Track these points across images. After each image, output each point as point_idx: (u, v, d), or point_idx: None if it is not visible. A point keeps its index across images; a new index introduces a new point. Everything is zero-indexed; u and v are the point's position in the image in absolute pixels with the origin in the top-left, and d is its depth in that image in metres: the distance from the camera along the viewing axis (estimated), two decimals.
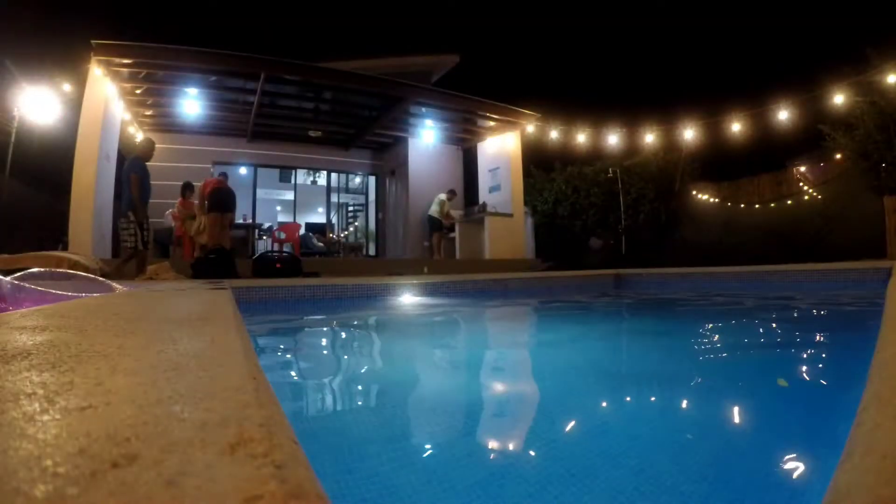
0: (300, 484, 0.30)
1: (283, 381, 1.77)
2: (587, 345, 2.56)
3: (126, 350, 0.78)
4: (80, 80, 7.52)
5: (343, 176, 13.68)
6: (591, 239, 12.70)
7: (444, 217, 10.57)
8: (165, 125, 10.64)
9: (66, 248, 6.96)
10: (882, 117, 8.62)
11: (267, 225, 12.36)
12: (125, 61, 7.58)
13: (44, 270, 3.31)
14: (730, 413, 1.31)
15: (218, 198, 7.53)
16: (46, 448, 0.34)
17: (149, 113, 10.05)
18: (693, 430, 1.17)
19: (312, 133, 11.78)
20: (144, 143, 6.48)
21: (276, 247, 10.63)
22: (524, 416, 1.37)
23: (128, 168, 6.23)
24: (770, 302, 4.29)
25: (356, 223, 14.80)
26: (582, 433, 1.18)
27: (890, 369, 0.68)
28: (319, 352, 2.64)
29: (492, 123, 11.18)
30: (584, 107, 13.89)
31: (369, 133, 11.68)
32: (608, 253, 11.97)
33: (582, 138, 11.37)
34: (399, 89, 9.37)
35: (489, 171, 12.11)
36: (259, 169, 12.36)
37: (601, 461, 0.98)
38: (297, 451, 0.38)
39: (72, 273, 3.67)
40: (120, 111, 8.76)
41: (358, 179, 13.99)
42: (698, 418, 1.28)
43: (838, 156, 10.31)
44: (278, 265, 7.13)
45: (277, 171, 13.27)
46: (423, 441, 1.16)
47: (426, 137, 11.80)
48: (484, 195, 12.11)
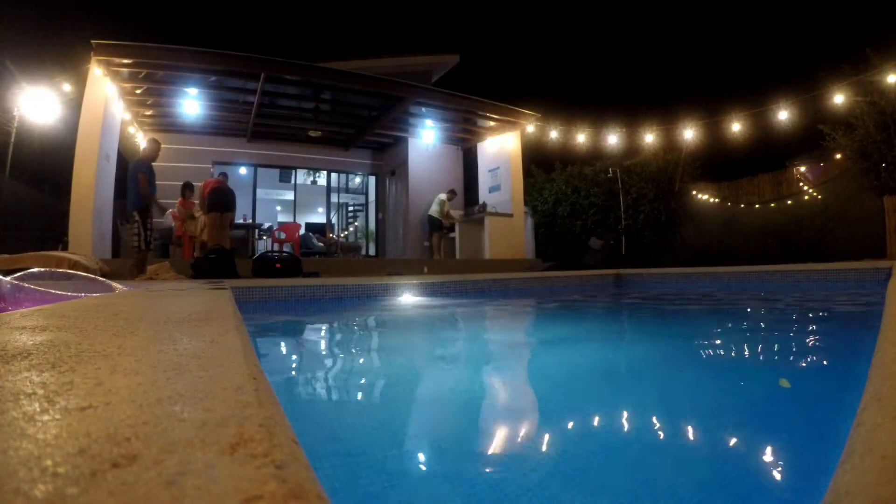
0: (300, 484, 0.30)
1: (283, 381, 1.77)
2: (587, 345, 2.57)
3: (126, 350, 0.78)
4: (80, 80, 7.53)
5: (343, 176, 13.68)
6: (591, 239, 12.69)
7: (445, 217, 10.57)
8: (165, 125, 10.65)
9: (66, 248, 6.97)
10: (882, 117, 8.61)
11: (267, 225, 12.36)
12: (125, 61, 7.59)
13: (44, 270, 3.32)
14: (730, 413, 1.31)
15: (218, 198, 7.54)
16: (46, 448, 0.34)
17: (149, 113, 10.06)
18: (693, 429, 1.17)
19: (312, 133, 11.78)
20: (151, 144, 6.54)
21: (276, 247, 10.63)
22: (525, 415, 1.37)
23: (135, 168, 6.26)
24: (770, 302, 4.29)
25: (356, 223, 14.80)
26: (581, 433, 1.18)
27: (890, 369, 0.68)
28: (319, 352, 2.64)
29: (492, 123, 11.18)
30: (584, 107, 13.93)
31: (369, 133, 11.68)
32: (608, 253, 11.97)
33: (582, 138, 11.37)
34: (399, 89, 9.37)
35: (489, 171, 12.11)
36: (259, 169, 12.37)
37: (602, 460, 0.98)
38: (297, 451, 0.38)
39: (72, 273, 3.68)
40: (120, 111, 8.76)
41: (358, 179, 13.99)
42: (698, 418, 1.28)
43: (838, 156, 10.30)
44: (278, 265, 7.13)
45: (277, 171, 13.27)
46: (423, 441, 1.16)
47: (426, 137, 11.80)
48: (484, 195, 12.11)
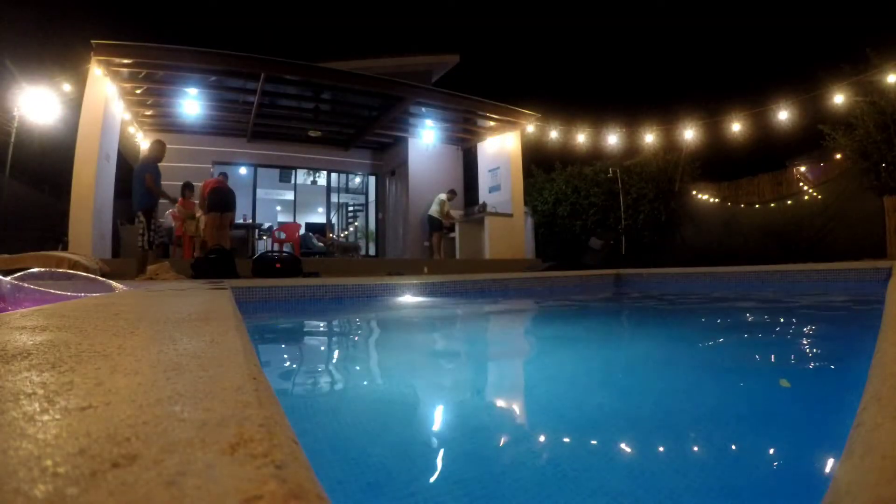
0: (300, 484, 0.30)
1: (284, 381, 1.77)
2: (587, 345, 2.57)
3: (126, 350, 0.78)
4: (80, 80, 7.53)
5: (343, 176, 13.68)
6: (591, 239, 12.69)
7: (445, 217, 10.56)
8: (165, 125, 10.65)
9: (66, 248, 6.97)
10: (882, 117, 8.61)
11: (267, 225, 12.36)
12: (125, 61, 7.59)
13: (44, 270, 3.32)
14: (730, 413, 1.31)
15: (218, 198, 7.55)
16: (46, 448, 0.34)
17: (149, 113, 10.06)
18: (692, 429, 1.17)
19: (312, 133, 11.78)
20: (156, 145, 6.56)
21: (276, 247, 10.63)
22: (525, 415, 1.37)
23: (141, 168, 6.28)
24: (770, 302, 4.29)
25: (356, 223, 14.79)
26: (581, 433, 1.18)
27: (890, 369, 0.67)
28: (319, 352, 2.64)
29: (492, 123, 11.18)
30: (584, 107, 13.93)
31: (369, 133, 11.68)
32: (608, 253, 11.97)
33: (582, 138, 11.37)
34: (399, 89, 9.37)
35: (489, 171, 12.10)
36: (259, 169, 12.37)
37: (599, 460, 0.98)
38: (297, 451, 0.38)
39: (72, 273, 3.69)
40: (120, 111, 8.76)
41: (358, 179, 13.99)
42: (697, 418, 1.28)
43: (838, 156, 10.30)
44: (278, 265, 7.13)
45: (277, 171, 13.28)
46: (423, 441, 1.16)
47: (426, 137, 11.80)
48: (484, 195, 12.10)
